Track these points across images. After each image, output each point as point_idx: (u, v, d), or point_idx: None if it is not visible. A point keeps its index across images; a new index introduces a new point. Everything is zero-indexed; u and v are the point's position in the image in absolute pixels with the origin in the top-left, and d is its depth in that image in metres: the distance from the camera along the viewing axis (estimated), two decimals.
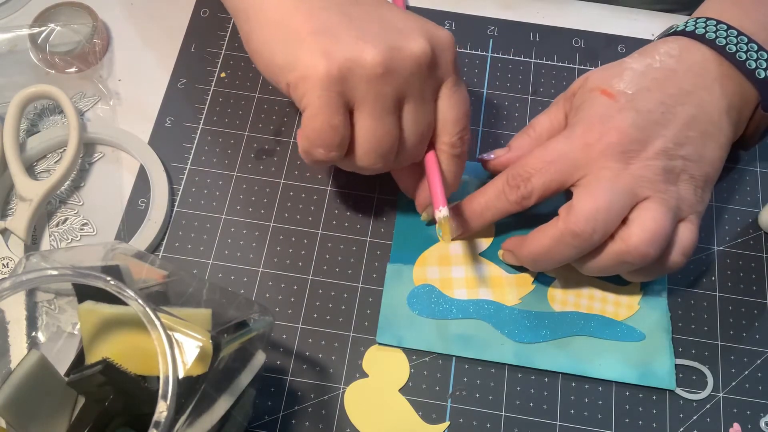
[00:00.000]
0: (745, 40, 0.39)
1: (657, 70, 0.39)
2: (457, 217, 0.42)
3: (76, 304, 0.31)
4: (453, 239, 0.43)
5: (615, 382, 0.41)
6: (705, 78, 0.39)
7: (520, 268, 0.43)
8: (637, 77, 0.39)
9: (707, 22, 0.40)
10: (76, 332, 0.40)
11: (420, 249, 0.44)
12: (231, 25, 0.51)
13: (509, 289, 0.42)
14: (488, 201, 0.40)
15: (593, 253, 0.38)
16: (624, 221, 0.37)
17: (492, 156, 0.44)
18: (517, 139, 0.43)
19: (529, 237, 0.39)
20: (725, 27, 0.40)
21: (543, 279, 0.43)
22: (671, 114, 0.38)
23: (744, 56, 0.39)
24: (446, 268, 0.43)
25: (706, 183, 0.39)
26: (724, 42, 0.39)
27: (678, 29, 0.42)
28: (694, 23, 0.41)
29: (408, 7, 0.52)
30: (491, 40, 0.51)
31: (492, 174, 0.44)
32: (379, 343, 0.41)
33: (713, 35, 0.40)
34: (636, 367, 0.41)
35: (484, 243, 0.44)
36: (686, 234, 0.38)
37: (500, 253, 0.43)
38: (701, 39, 0.40)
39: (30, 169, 0.45)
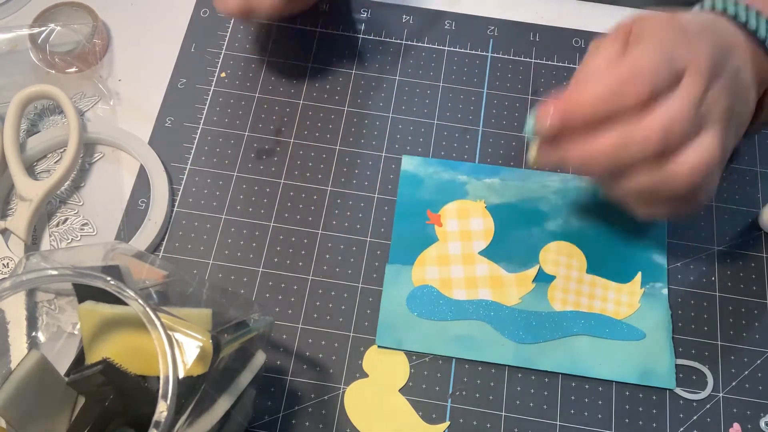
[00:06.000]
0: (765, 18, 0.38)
1: (706, 24, 0.38)
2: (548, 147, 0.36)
3: (76, 304, 0.31)
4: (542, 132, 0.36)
5: (615, 381, 0.41)
6: (738, 44, 0.38)
7: (520, 267, 0.43)
8: (693, 17, 0.38)
9: (725, 2, 0.39)
10: (76, 332, 0.40)
11: (419, 249, 0.44)
12: (231, 25, 0.51)
13: (509, 288, 0.42)
14: (602, 94, 0.34)
15: (639, 168, 0.35)
16: (680, 148, 0.35)
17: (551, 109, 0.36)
18: (571, 88, 0.38)
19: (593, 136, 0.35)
20: (744, 7, 0.39)
21: (543, 278, 0.43)
22: (724, 59, 0.37)
23: (764, 34, 0.38)
24: (445, 267, 0.43)
25: (741, 128, 0.38)
26: (744, 18, 0.38)
27: (695, 9, 0.40)
28: (711, 3, 0.40)
29: (408, 8, 0.52)
30: (491, 40, 0.51)
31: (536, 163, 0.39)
32: (379, 346, 0.41)
33: (733, 11, 0.39)
34: (636, 366, 0.41)
35: (483, 242, 0.44)
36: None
37: (533, 155, 0.37)
38: (724, 15, 0.39)
39: (30, 169, 0.45)
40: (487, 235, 0.44)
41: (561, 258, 0.43)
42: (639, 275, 0.43)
